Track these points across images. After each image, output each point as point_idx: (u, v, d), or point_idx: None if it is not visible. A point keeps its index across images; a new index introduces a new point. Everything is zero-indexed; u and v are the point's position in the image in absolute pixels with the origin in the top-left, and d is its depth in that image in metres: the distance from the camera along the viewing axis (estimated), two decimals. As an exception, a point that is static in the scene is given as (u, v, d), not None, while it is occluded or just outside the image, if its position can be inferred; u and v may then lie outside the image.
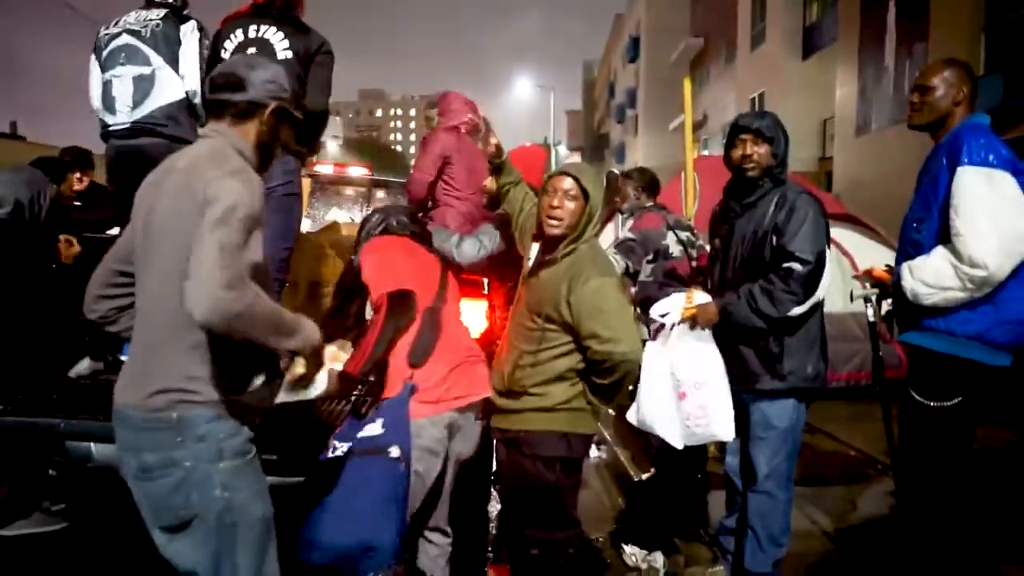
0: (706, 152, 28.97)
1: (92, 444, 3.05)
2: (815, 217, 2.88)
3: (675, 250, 4.28)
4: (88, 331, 3.60)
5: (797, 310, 2.82)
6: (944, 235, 2.67)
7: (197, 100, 3.46)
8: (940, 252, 2.67)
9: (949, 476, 2.79)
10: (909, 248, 2.84)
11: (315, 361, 1.98)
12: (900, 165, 12.53)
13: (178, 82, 3.47)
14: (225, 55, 3.30)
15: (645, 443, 4.25)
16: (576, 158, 33.21)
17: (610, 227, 7.53)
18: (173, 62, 3.46)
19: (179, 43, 3.47)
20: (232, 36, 3.35)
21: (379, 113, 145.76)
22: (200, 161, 1.94)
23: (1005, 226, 2.54)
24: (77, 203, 4.73)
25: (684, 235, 4.39)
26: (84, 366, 3.46)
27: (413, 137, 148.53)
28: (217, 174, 1.87)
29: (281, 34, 3.31)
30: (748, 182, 3.02)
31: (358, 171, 5.67)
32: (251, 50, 3.26)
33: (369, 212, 2.98)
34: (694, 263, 4.23)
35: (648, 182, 4.41)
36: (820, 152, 19.43)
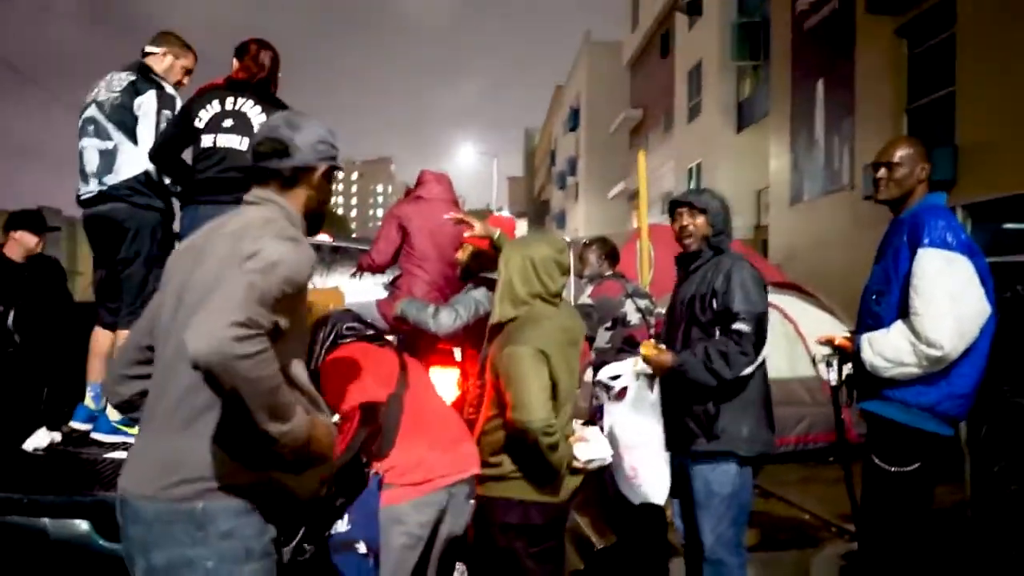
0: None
1: (48, 521, 2.93)
2: (753, 280, 3.03)
3: (633, 317, 4.45)
4: (41, 401, 3.52)
5: (747, 370, 2.94)
6: (903, 309, 2.80)
7: (167, 179, 3.60)
8: (899, 328, 2.79)
9: (910, 536, 2.89)
10: (868, 319, 2.97)
11: (295, 459, 1.71)
12: (832, 233, 13.13)
13: (138, 156, 3.56)
14: (199, 123, 3.36)
15: (606, 510, 4.29)
16: (523, 224, 33.66)
17: (563, 293, 7.66)
18: (133, 137, 3.56)
19: (136, 119, 3.58)
20: (208, 106, 3.41)
21: None
22: (251, 227, 1.78)
23: (961, 308, 2.68)
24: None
25: (642, 303, 4.56)
26: (41, 438, 3.33)
27: (355, 201, 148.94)
28: (267, 234, 1.73)
29: (259, 108, 3.40)
30: (691, 252, 3.21)
31: (320, 237, 5.70)
32: (228, 122, 3.35)
33: (315, 323, 2.86)
34: (651, 330, 4.37)
35: (609, 251, 4.63)
36: (756, 220, 20.15)
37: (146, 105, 3.58)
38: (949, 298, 2.69)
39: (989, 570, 3.32)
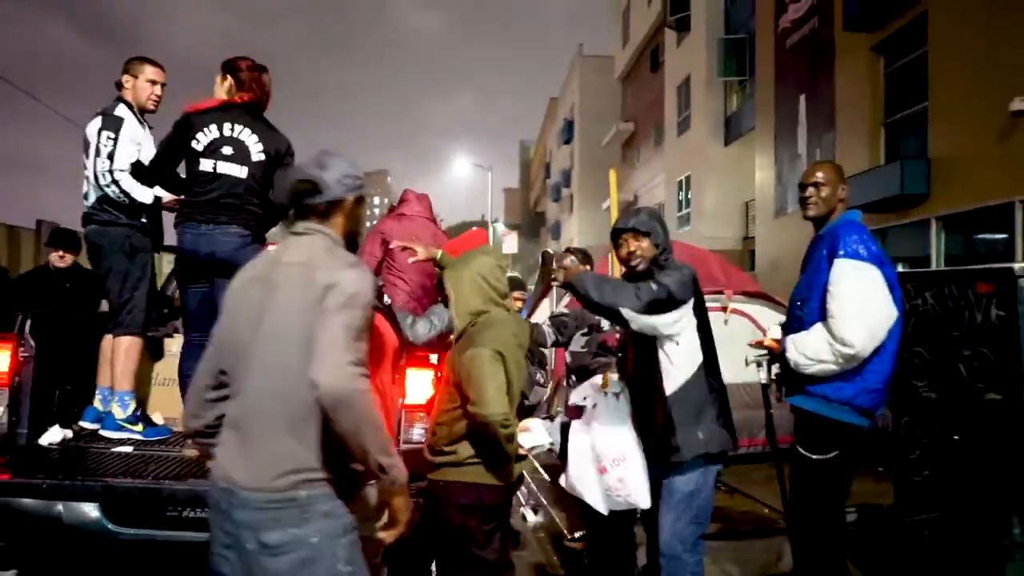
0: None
1: (62, 508, 3.24)
2: (684, 273, 3.09)
3: (606, 324, 4.78)
4: (55, 400, 3.84)
5: (626, 311, 2.95)
6: (822, 314, 3.10)
7: (101, 183, 3.80)
8: (818, 330, 3.09)
9: (831, 517, 3.19)
10: (794, 324, 3.27)
11: (399, 499, 2.06)
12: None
13: (90, 176, 3.85)
14: (197, 146, 3.56)
15: (578, 507, 4.61)
16: (513, 236, 34.00)
17: (545, 302, 7.98)
18: (87, 161, 3.85)
19: (88, 145, 3.87)
20: (206, 130, 3.60)
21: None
22: (317, 256, 2.06)
23: (870, 312, 2.98)
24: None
25: None
26: (54, 434, 3.64)
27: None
28: (337, 265, 2.03)
29: (255, 137, 3.63)
30: (639, 275, 3.25)
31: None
32: (226, 148, 3.56)
33: None
34: (618, 335, 4.70)
35: (586, 261, 4.97)
36: (743, 232, 20.49)
37: (90, 131, 3.88)
38: (860, 303, 2.98)
39: (910, 550, 3.63)
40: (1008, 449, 2.94)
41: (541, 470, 6.91)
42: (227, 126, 3.61)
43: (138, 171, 3.85)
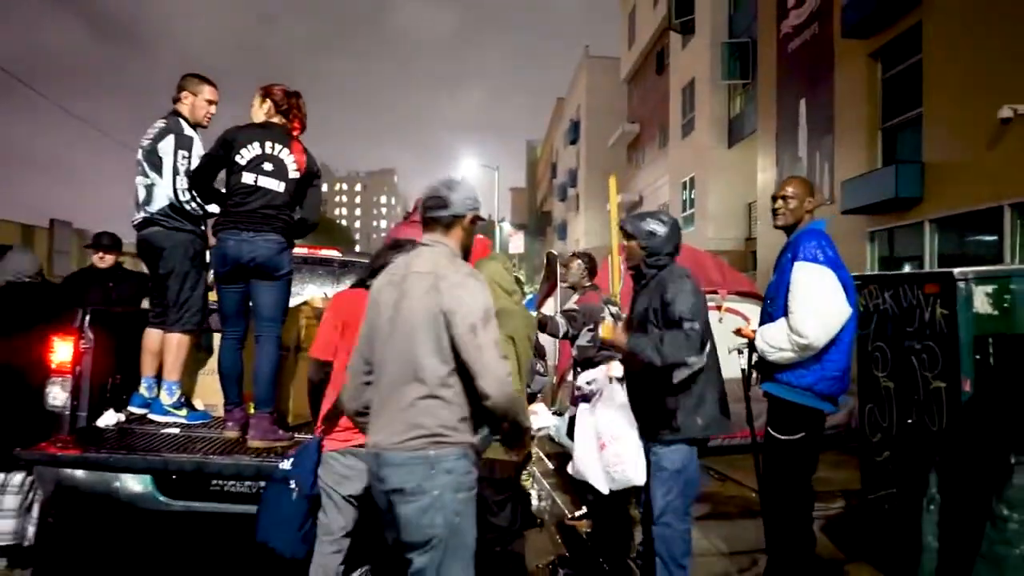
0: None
1: (119, 484, 3.66)
2: (693, 292, 3.47)
3: (609, 321, 5.24)
4: (108, 388, 4.27)
5: (691, 361, 3.32)
6: (786, 311, 3.50)
7: (181, 200, 4.16)
8: (780, 323, 3.52)
9: (798, 492, 3.60)
10: (765, 318, 3.70)
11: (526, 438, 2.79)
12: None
13: (167, 189, 4.19)
14: (241, 160, 3.95)
15: (579, 490, 5.05)
16: (519, 236, 34.40)
17: (550, 300, 8.39)
18: (160, 175, 4.19)
19: (161, 161, 4.21)
20: (249, 146, 3.99)
21: (324, 188, 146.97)
22: (440, 265, 2.55)
23: (824, 309, 3.38)
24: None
25: (614, 309, 5.36)
26: (109, 417, 4.07)
27: (359, 212, 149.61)
28: (459, 276, 2.52)
29: (292, 157, 4.04)
30: (635, 271, 3.77)
31: (329, 253, 6.47)
32: (267, 165, 3.96)
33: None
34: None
35: (591, 265, 5.48)
36: (747, 233, 20.81)
37: (164, 148, 4.21)
38: (815, 301, 3.38)
39: (872, 524, 4.02)
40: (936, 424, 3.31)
41: (545, 458, 7.33)
42: (268, 144, 4.00)
43: (195, 182, 4.18)
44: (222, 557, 4.22)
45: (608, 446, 3.73)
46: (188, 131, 4.27)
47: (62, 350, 4.00)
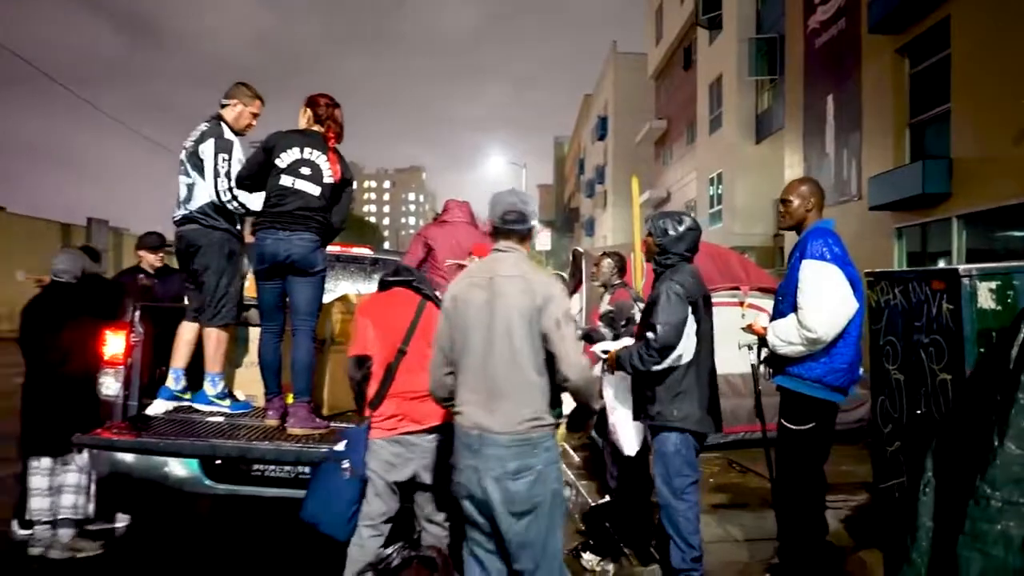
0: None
1: (168, 469, 3.92)
2: (676, 295, 3.74)
3: (637, 316, 5.46)
4: (156, 379, 4.53)
5: (656, 367, 3.74)
6: (795, 306, 3.68)
7: (223, 199, 4.39)
8: (790, 318, 3.70)
9: (809, 480, 3.77)
10: (776, 314, 3.87)
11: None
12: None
13: (207, 189, 4.43)
14: (280, 164, 4.18)
15: (603, 480, 5.26)
16: (546, 233, 34.53)
17: (576, 297, 8.55)
18: (201, 175, 4.43)
19: (203, 162, 4.44)
20: (289, 150, 4.22)
21: (353, 185, 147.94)
22: (527, 270, 2.96)
23: (831, 304, 3.54)
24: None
25: (640, 305, 5.55)
26: (158, 406, 4.33)
27: (387, 209, 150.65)
28: (546, 280, 2.94)
29: (328, 163, 4.27)
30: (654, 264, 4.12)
31: (361, 251, 6.71)
32: (305, 169, 4.19)
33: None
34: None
35: (620, 264, 5.68)
36: (774, 229, 20.75)
37: (205, 151, 4.44)
38: (822, 296, 3.55)
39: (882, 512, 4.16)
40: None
41: (571, 450, 7.51)
42: (307, 150, 4.24)
43: (241, 183, 4.41)
44: (263, 538, 4.49)
45: (609, 416, 4.36)
46: (228, 135, 4.48)
47: (115, 343, 4.27)
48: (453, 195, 5.53)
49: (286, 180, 4.20)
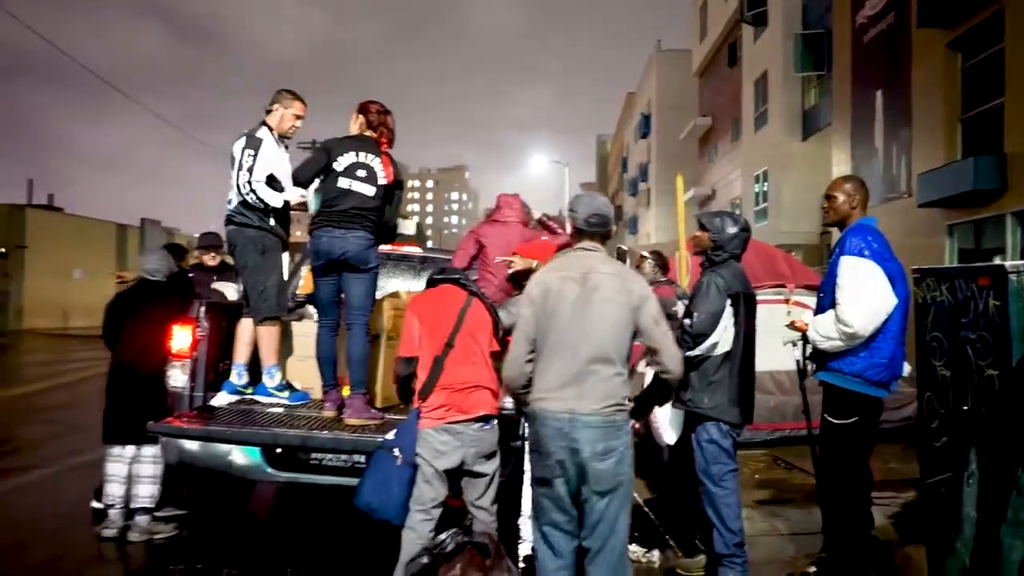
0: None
1: (232, 458, 4.11)
2: (715, 287, 3.94)
3: (680, 313, 5.55)
4: (220, 372, 4.75)
5: (690, 353, 3.87)
6: (834, 302, 3.75)
7: (243, 192, 4.51)
8: (829, 313, 3.77)
9: (853, 474, 3.82)
10: (818, 310, 3.93)
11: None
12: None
13: (235, 187, 4.59)
14: (338, 167, 4.38)
15: (649, 475, 5.36)
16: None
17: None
18: (232, 174, 4.60)
19: (234, 160, 4.60)
20: (346, 154, 4.42)
21: (403, 187, 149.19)
22: (621, 269, 3.36)
23: (869, 299, 3.61)
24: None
25: (685, 301, 5.64)
26: (222, 398, 4.55)
27: (431, 208, 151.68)
28: (641, 280, 3.28)
29: (382, 165, 4.47)
30: (704, 256, 4.25)
31: (411, 249, 6.89)
32: (360, 171, 4.40)
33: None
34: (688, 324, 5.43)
35: (662, 262, 5.79)
36: (821, 226, 20.49)
37: (236, 148, 4.61)
38: (859, 292, 3.61)
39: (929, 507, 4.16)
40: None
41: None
42: (362, 154, 4.45)
43: (272, 182, 4.58)
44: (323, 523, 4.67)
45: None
46: (260, 134, 4.62)
47: (182, 337, 4.50)
48: (496, 194, 5.63)
49: (343, 182, 4.39)
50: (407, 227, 6.89)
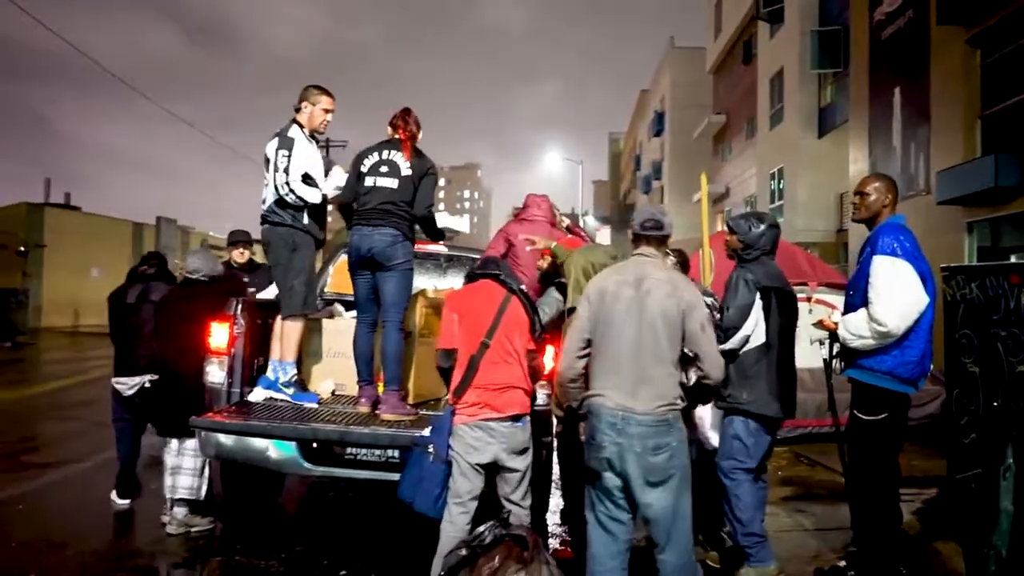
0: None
1: (271, 453, 4.19)
2: (743, 283, 4.05)
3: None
4: (255, 367, 4.84)
5: (722, 347, 3.86)
6: (866, 300, 3.80)
7: (281, 193, 4.62)
8: (860, 312, 3.81)
9: (882, 471, 3.87)
10: (847, 309, 4.00)
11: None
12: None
13: (272, 187, 4.71)
14: (364, 168, 4.54)
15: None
16: (606, 231, 34.52)
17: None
18: (267, 175, 4.72)
19: (268, 161, 4.72)
20: (370, 156, 4.58)
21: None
22: (673, 275, 3.43)
23: (902, 298, 3.65)
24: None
25: (709, 300, 5.68)
26: (258, 394, 4.64)
27: (442, 207, 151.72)
28: (691, 287, 3.39)
29: (404, 157, 4.55)
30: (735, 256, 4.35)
31: (435, 247, 6.95)
32: (383, 168, 4.52)
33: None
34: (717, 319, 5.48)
35: (684, 261, 5.82)
36: (837, 224, 20.45)
37: (270, 149, 4.72)
38: (892, 291, 3.66)
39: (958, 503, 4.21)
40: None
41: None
42: (385, 152, 4.58)
43: (307, 179, 4.67)
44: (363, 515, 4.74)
45: (695, 410, 4.46)
46: (292, 133, 4.72)
47: (219, 334, 4.59)
48: (508, 193, 5.75)
49: (368, 181, 4.54)
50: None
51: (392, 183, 4.54)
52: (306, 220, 4.77)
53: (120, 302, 5.51)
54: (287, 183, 4.61)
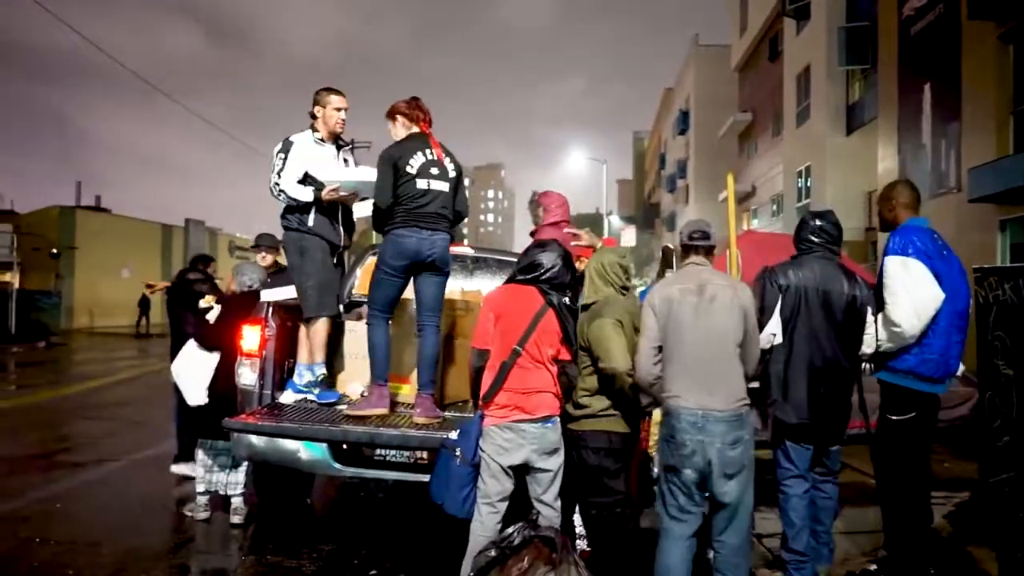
0: (755, 221, 29.87)
1: (301, 454, 4.24)
2: (763, 283, 3.96)
3: None
4: (285, 370, 4.91)
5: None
6: (882, 303, 3.83)
7: (273, 193, 4.69)
8: (879, 315, 3.83)
9: (912, 471, 3.87)
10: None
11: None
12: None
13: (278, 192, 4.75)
14: (411, 170, 4.35)
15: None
16: (631, 230, 34.40)
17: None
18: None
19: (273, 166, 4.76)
20: (415, 156, 4.37)
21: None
22: (730, 280, 3.79)
23: (915, 297, 3.67)
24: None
25: None
26: (289, 396, 4.71)
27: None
28: (745, 288, 3.64)
29: (449, 159, 4.53)
30: None
31: (462, 249, 6.97)
32: (433, 170, 4.41)
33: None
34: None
35: (667, 257, 5.80)
36: (866, 223, 20.20)
37: (275, 154, 4.75)
38: (904, 290, 3.69)
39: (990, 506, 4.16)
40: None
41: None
42: (427, 152, 4.45)
43: (304, 180, 4.69)
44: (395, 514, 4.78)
45: None
46: (293, 138, 4.78)
47: (251, 337, 4.66)
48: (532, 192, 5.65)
49: (421, 183, 4.39)
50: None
51: (445, 186, 4.49)
52: (311, 223, 4.75)
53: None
54: (277, 184, 4.69)
